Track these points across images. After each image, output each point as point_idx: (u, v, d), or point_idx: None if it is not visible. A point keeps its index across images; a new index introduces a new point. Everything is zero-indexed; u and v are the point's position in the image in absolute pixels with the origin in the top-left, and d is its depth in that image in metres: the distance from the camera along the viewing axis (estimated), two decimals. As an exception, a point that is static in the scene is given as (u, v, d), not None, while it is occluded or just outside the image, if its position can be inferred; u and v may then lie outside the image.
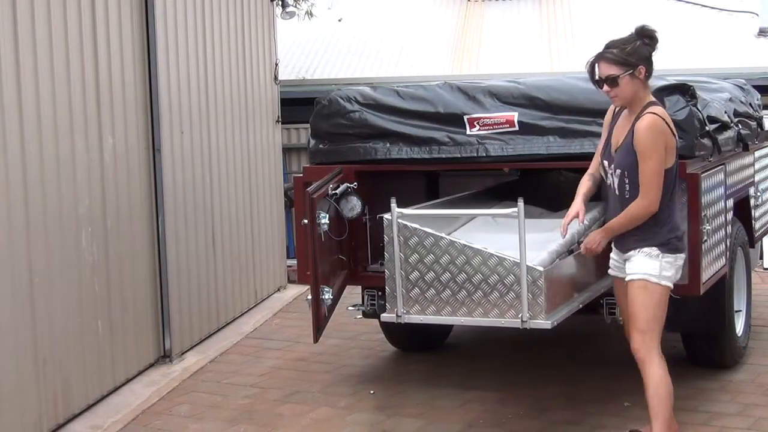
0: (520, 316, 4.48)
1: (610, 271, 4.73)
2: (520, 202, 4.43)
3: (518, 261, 4.45)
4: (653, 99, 4.42)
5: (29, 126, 5.12)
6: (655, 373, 4.51)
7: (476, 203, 5.92)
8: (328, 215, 5.07)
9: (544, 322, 4.48)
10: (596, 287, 5.04)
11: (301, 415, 5.62)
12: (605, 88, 4.36)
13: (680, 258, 4.50)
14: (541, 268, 4.50)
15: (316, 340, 5.09)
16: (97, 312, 5.83)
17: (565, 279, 4.81)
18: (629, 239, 4.46)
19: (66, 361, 5.47)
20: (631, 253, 4.45)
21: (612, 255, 4.67)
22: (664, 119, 4.32)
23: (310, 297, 5.01)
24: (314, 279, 4.94)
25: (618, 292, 4.73)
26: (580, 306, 4.81)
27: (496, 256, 4.60)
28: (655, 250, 4.38)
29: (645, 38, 4.31)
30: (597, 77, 4.37)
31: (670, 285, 4.48)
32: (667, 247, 4.41)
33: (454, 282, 4.67)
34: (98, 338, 5.84)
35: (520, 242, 4.40)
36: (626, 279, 4.46)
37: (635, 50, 4.29)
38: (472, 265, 4.60)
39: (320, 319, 5.07)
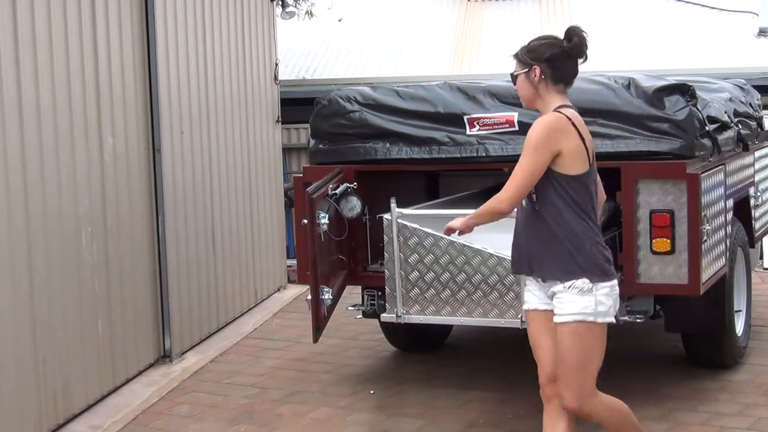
0: (519, 316, 4.47)
1: (526, 305, 4.00)
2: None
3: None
4: (567, 104, 3.88)
5: (29, 126, 5.12)
6: (607, 415, 4.01)
7: (476, 203, 5.92)
8: (327, 215, 5.07)
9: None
10: None
11: (301, 415, 5.62)
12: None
13: (615, 287, 3.81)
14: None
15: (315, 340, 5.10)
16: (97, 312, 5.83)
17: None
18: (550, 267, 3.81)
19: (66, 361, 5.47)
20: (559, 288, 3.80)
21: (530, 287, 3.98)
22: (571, 120, 3.79)
23: (309, 297, 5.01)
24: (314, 279, 4.94)
25: (535, 326, 3.96)
26: None
27: (496, 256, 4.60)
28: (587, 283, 3.73)
29: (566, 39, 3.86)
30: None
31: (612, 320, 3.83)
32: (598, 273, 3.75)
33: (454, 282, 4.68)
34: (98, 338, 5.84)
35: None
36: (555, 320, 3.82)
37: (534, 49, 3.88)
38: (472, 265, 4.61)
39: (320, 319, 5.07)
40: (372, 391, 5.99)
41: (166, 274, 6.73)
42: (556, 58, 3.85)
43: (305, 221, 5.02)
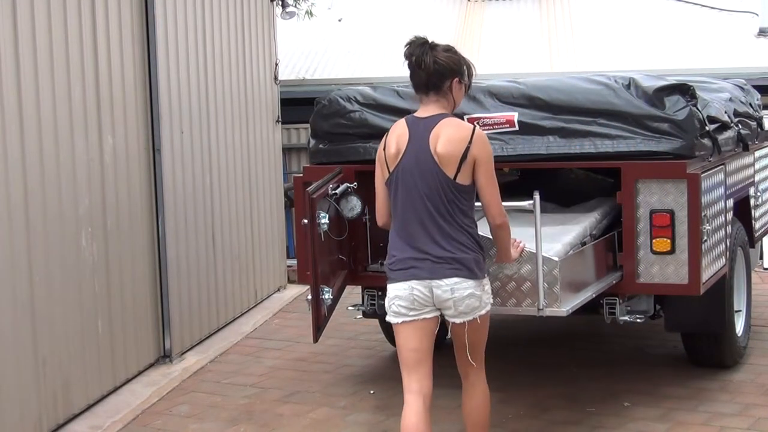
0: (535, 304, 4.54)
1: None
2: (536, 195, 4.47)
3: (534, 252, 4.50)
4: (428, 113, 4.08)
5: (29, 126, 5.12)
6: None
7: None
8: (327, 215, 5.07)
9: (559, 310, 4.57)
10: (608, 278, 5.11)
11: (301, 415, 5.62)
12: None
13: (392, 288, 4.08)
14: (557, 259, 4.57)
15: (315, 340, 5.09)
16: (97, 312, 5.83)
17: (579, 269, 4.88)
18: None
19: (66, 361, 5.47)
20: None
21: None
22: (388, 132, 4.15)
23: (309, 297, 5.01)
24: (314, 279, 4.94)
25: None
26: (594, 296, 4.87)
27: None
28: None
29: None
30: None
31: (390, 318, 4.17)
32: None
33: None
34: (98, 338, 5.84)
35: (536, 233, 4.43)
36: None
37: None
38: (490, 256, 4.62)
39: (320, 319, 5.07)
40: (372, 391, 5.99)
41: (166, 274, 6.73)
42: (408, 67, 4.09)
43: (305, 221, 5.02)
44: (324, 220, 5.02)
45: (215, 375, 6.59)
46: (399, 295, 4.03)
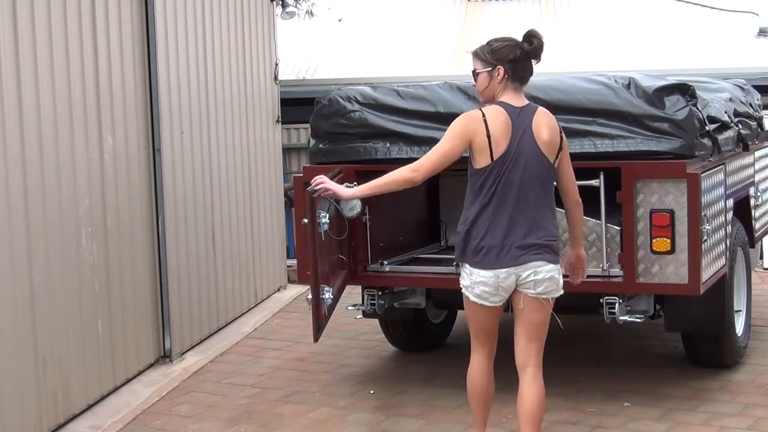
0: (600, 265, 5.18)
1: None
2: (601, 175, 5.06)
3: (599, 222, 5.14)
4: (519, 100, 4.25)
5: (29, 126, 5.12)
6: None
7: None
8: (328, 215, 5.07)
9: (620, 271, 5.16)
10: None
11: (301, 415, 5.62)
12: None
13: (473, 273, 4.20)
14: (618, 227, 5.14)
15: (316, 339, 5.09)
16: (97, 312, 5.83)
17: None
18: None
19: (66, 361, 5.47)
20: None
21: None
22: (485, 116, 4.16)
23: (310, 296, 5.01)
24: (314, 278, 4.94)
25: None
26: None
27: (592, 220, 5.14)
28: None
29: (526, 42, 4.22)
30: None
31: (470, 297, 4.27)
32: (458, 255, 4.30)
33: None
34: (98, 338, 5.84)
35: (601, 205, 5.07)
36: None
37: (498, 51, 4.20)
38: (561, 226, 4.94)
39: (320, 319, 5.07)
40: (372, 391, 5.99)
41: (166, 274, 6.73)
42: (518, 59, 4.21)
43: (305, 220, 5.02)
44: (324, 219, 5.02)
45: (215, 375, 6.59)
46: (485, 281, 4.19)
